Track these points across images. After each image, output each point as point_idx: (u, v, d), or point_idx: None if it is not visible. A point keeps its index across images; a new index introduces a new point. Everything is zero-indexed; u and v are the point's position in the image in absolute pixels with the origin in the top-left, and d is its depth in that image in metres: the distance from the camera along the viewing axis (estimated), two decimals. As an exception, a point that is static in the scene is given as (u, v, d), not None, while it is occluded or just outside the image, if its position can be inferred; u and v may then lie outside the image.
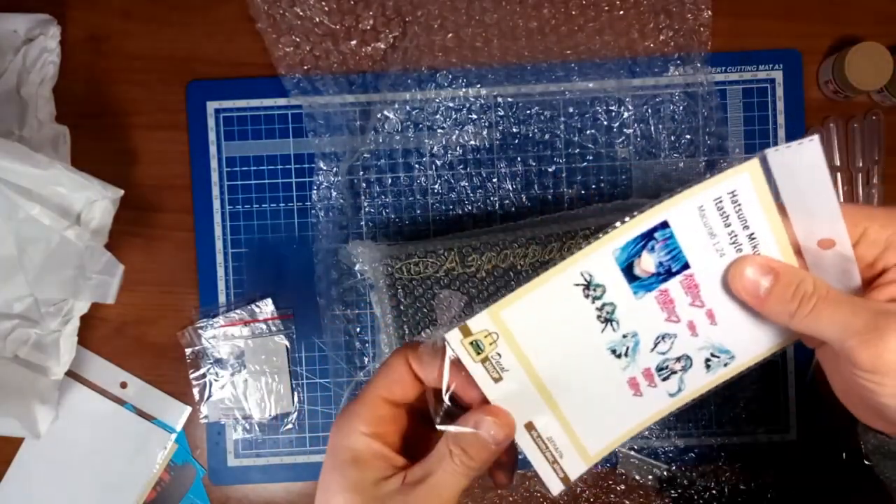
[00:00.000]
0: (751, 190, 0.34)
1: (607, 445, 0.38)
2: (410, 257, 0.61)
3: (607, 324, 0.36)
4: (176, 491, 0.66)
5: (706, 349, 0.37)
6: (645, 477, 0.64)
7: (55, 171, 0.54)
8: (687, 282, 0.36)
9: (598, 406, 0.38)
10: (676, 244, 0.35)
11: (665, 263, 0.35)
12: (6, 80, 0.61)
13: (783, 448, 0.64)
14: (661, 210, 0.34)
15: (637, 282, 0.35)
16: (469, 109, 0.64)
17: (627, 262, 0.35)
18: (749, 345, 0.37)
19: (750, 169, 0.34)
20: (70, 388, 0.65)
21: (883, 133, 0.63)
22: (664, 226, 0.35)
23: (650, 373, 0.37)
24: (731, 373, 0.38)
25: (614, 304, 0.36)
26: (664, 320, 0.36)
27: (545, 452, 0.37)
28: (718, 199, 0.34)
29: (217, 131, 0.65)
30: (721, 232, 0.35)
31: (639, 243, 0.35)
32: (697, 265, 0.35)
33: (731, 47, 0.64)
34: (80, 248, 0.57)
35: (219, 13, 0.65)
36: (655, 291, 0.36)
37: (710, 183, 0.34)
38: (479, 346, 0.35)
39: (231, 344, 0.65)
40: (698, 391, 0.38)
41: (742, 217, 0.34)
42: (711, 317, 0.37)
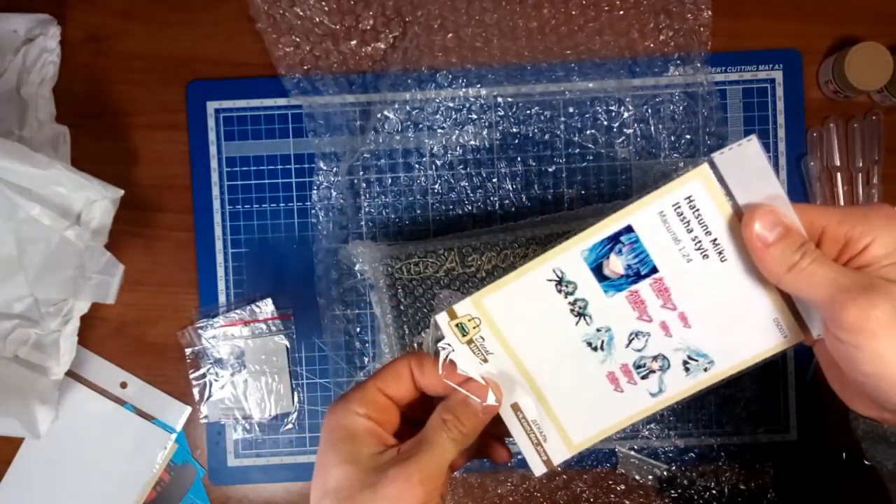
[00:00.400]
0: (705, 194, 0.36)
1: (591, 437, 0.40)
2: (410, 257, 0.61)
3: (580, 318, 0.39)
4: (176, 491, 0.66)
5: (682, 351, 0.39)
6: (645, 477, 0.64)
7: (55, 171, 0.54)
8: (657, 285, 0.38)
9: (579, 396, 0.40)
10: (643, 248, 0.37)
11: (633, 266, 0.37)
12: (6, 80, 0.61)
13: (783, 448, 0.64)
14: (624, 215, 0.37)
15: (607, 281, 0.38)
16: (469, 109, 0.64)
17: (596, 263, 0.38)
18: (728, 351, 0.39)
19: (700, 174, 0.35)
20: (70, 388, 0.65)
21: (883, 133, 0.63)
22: (629, 230, 0.37)
23: (628, 369, 0.39)
24: (714, 378, 0.39)
25: (586, 300, 0.38)
26: (636, 318, 0.38)
27: (529, 434, 0.40)
28: (676, 204, 0.36)
29: (217, 131, 0.65)
30: (685, 237, 0.37)
31: (606, 246, 0.37)
32: (666, 269, 0.37)
33: (731, 47, 0.64)
34: (80, 248, 0.57)
35: (219, 13, 0.65)
36: (626, 292, 0.38)
37: (667, 189, 0.36)
38: (465, 329, 0.39)
39: (231, 344, 0.65)
40: (681, 394, 0.40)
41: (702, 223, 0.36)
42: (684, 319, 0.38)
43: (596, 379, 0.39)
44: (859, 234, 0.35)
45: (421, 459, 0.36)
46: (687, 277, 0.37)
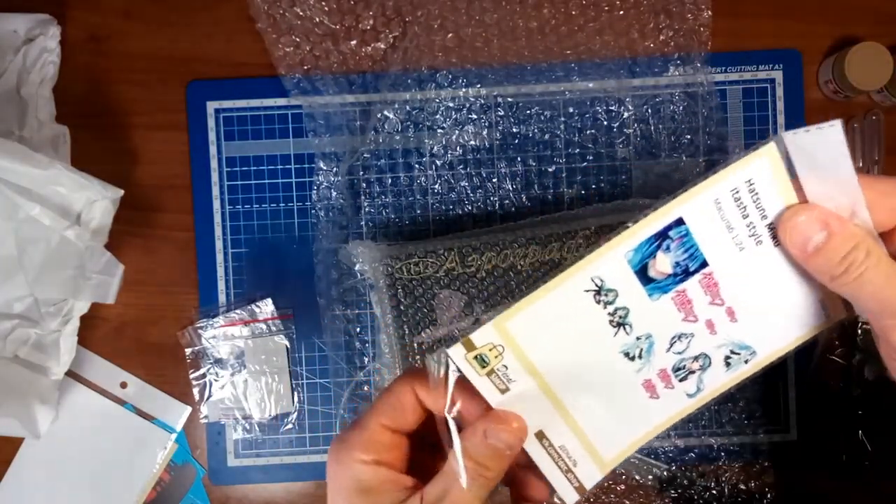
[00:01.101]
0: (768, 176, 0.32)
1: (624, 450, 0.37)
2: (410, 257, 0.61)
3: (620, 328, 0.34)
4: (176, 491, 0.66)
5: (725, 346, 0.36)
6: (645, 477, 0.64)
7: (55, 171, 0.54)
8: (706, 280, 0.34)
9: (612, 411, 0.36)
10: (693, 241, 0.33)
11: (682, 263, 0.33)
12: (6, 80, 0.61)
13: (783, 448, 0.64)
14: (675, 206, 0.32)
15: (652, 284, 0.33)
16: (469, 109, 0.64)
17: (641, 264, 0.33)
18: (771, 339, 0.36)
19: (768, 153, 0.32)
20: (70, 388, 0.65)
21: (883, 133, 0.63)
22: (679, 223, 0.33)
23: (666, 374, 0.36)
24: (754, 369, 0.37)
25: (627, 307, 0.34)
26: (681, 321, 0.35)
27: (558, 462, 0.36)
28: (735, 189, 0.32)
29: (217, 131, 0.65)
30: (739, 224, 0.33)
31: (653, 243, 0.33)
32: (716, 262, 0.34)
33: (731, 47, 0.64)
34: (80, 248, 0.57)
35: (219, 13, 0.65)
36: (672, 292, 0.34)
37: (726, 173, 0.32)
38: (485, 360, 0.33)
39: (231, 344, 0.65)
40: (718, 390, 0.37)
41: (760, 206, 0.33)
42: (731, 314, 0.35)
43: (631, 388, 0.36)
44: None
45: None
46: (737, 268, 0.34)
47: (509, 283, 0.61)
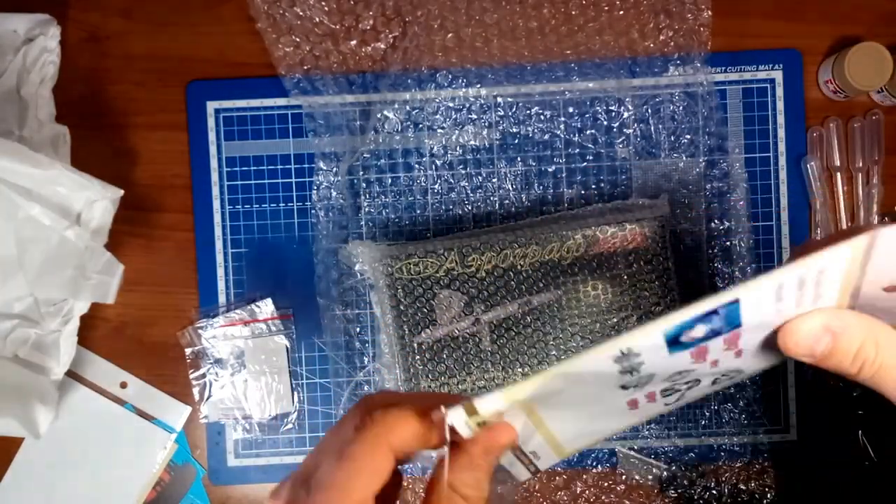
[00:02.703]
0: (843, 266, 0.30)
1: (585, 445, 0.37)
2: (410, 257, 0.61)
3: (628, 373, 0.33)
4: (176, 491, 0.66)
5: (718, 372, 0.35)
6: (645, 477, 0.64)
7: (55, 171, 0.54)
8: (730, 337, 0.32)
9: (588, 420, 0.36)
10: (738, 314, 0.31)
11: (716, 330, 0.31)
12: (6, 80, 0.61)
13: (783, 448, 0.64)
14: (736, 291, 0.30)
15: (677, 346, 0.32)
16: (469, 109, 0.64)
17: (676, 336, 0.31)
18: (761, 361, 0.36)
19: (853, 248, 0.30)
20: (70, 388, 0.65)
21: (883, 133, 0.63)
22: (732, 303, 0.30)
23: (653, 395, 0.35)
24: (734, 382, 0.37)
25: (643, 361, 0.32)
26: (690, 363, 0.33)
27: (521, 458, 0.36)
28: (803, 277, 0.30)
29: (217, 131, 0.65)
30: (790, 298, 0.31)
31: (698, 320, 0.31)
32: (749, 322, 0.32)
33: (731, 47, 0.64)
34: (80, 248, 0.57)
35: (219, 13, 0.65)
36: (694, 348, 0.32)
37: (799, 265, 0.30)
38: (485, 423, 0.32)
39: (231, 344, 0.65)
40: (696, 398, 0.37)
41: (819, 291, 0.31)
42: (739, 354, 0.34)
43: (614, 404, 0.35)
44: None
45: None
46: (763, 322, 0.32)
47: (509, 283, 0.61)
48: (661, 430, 0.64)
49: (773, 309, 0.31)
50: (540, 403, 0.33)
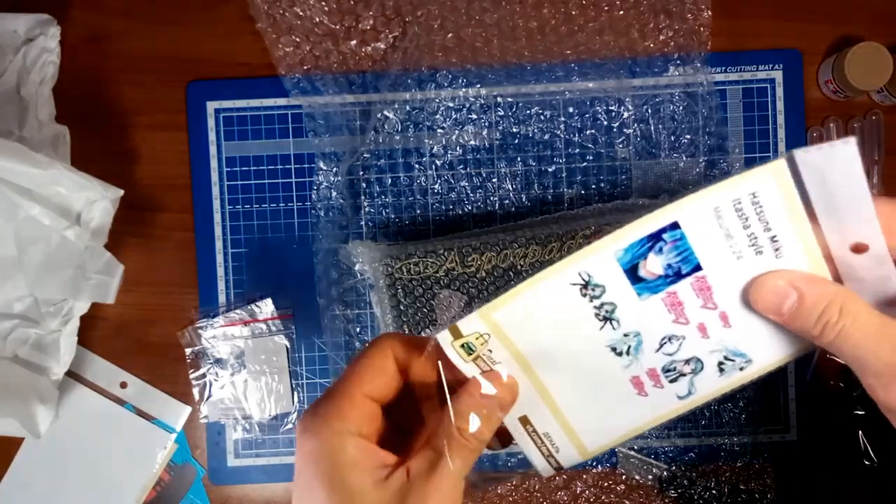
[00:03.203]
0: (775, 192, 0.31)
1: (608, 443, 0.37)
2: (410, 257, 0.61)
3: (606, 322, 0.34)
4: (176, 491, 0.66)
5: (718, 352, 0.35)
6: (645, 477, 0.64)
7: (55, 171, 0.54)
8: (698, 283, 0.33)
9: (597, 403, 0.36)
10: (688, 246, 0.33)
11: (674, 265, 0.33)
12: (6, 80, 0.61)
13: (783, 448, 0.64)
14: (671, 210, 0.32)
15: (642, 283, 0.33)
16: (469, 109, 0.64)
17: (631, 264, 0.33)
18: (769, 348, 0.35)
19: (774, 170, 0.31)
20: (70, 388, 0.65)
21: (883, 133, 0.63)
22: (674, 227, 0.32)
23: (655, 373, 0.36)
24: (750, 377, 0.36)
25: (615, 304, 0.34)
26: (672, 322, 0.34)
27: (541, 447, 0.37)
28: (737, 199, 0.32)
29: (217, 131, 0.65)
30: (739, 234, 0.32)
31: (644, 245, 0.32)
32: (710, 267, 0.33)
33: (731, 47, 0.64)
34: (80, 248, 0.57)
35: (219, 13, 0.65)
36: (662, 293, 0.34)
37: (728, 183, 0.31)
38: (471, 348, 0.34)
39: (231, 344, 0.65)
40: (711, 394, 0.36)
41: (763, 220, 0.32)
42: (725, 319, 0.34)
43: (618, 383, 0.36)
44: None
45: (441, 482, 0.30)
46: (733, 274, 0.33)
47: (509, 283, 0.61)
48: (661, 430, 0.64)
49: (727, 248, 0.33)
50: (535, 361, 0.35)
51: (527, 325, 0.34)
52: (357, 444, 0.31)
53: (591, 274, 0.33)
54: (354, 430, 0.31)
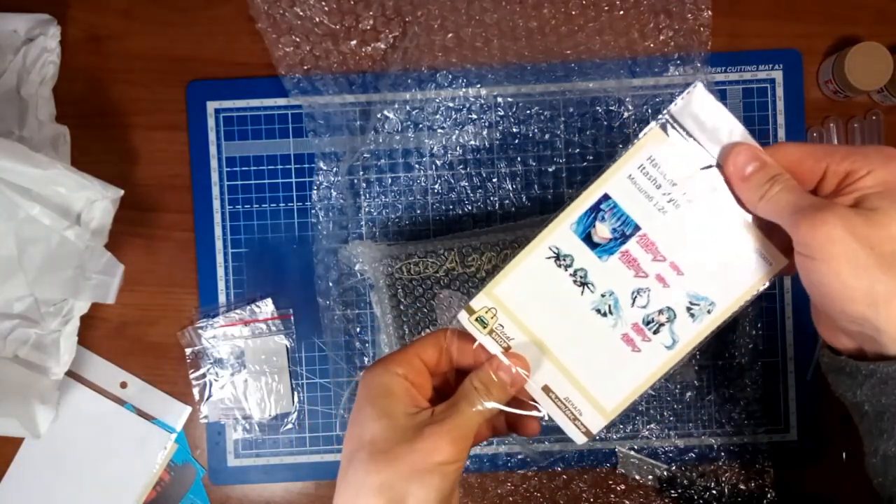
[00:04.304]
0: (663, 152, 0.40)
1: (622, 401, 0.42)
2: (410, 257, 0.61)
3: (584, 287, 0.41)
4: (176, 491, 0.66)
5: (684, 298, 0.41)
6: (645, 477, 0.64)
7: (55, 171, 0.54)
8: (643, 241, 0.41)
9: (601, 364, 0.42)
10: (622, 210, 0.41)
11: (618, 229, 0.41)
12: (6, 80, 0.61)
13: (783, 448, 0.64)
14: (599, 185, 0.41)
15: (599, 248, 0.41)
16: (469, 109, 0.64)
17: (585, 233, 0.41)
18: (724, 289, 0.41)
19: (654, 137, 0.40)
20: (70, 388, 0.65)
21: (883, 133, 0.63)
22: (606, 198, 0.41)
23: (639, 327, 0.41)
24: (719, 319, 0.41)
25: (584, 268, 0.41)
26: (633, 277, 0.41)
27: (565, 412, 0.42)
28: (641, 166, 0.40)
29: (217, 131, 0.65)
30: (655, 193, 0.40)
31: (590, 216, 0.41)
32: (647, 225, 0.41)
33: (731, 47, 0.64)
34: (80, 248, 0.57)
35: (219, 13, 0.65)
36: (617, 253, 0.41)
37: (630, 153, 0.40)
38: (484, 321, 0.42)
39: (231, 344, 0.65)
40: (694, 340, 0.41)
41: (667, 177, 0.40)
42: (676, 268, 0.41)
43: (612, 343, 0.41)
44: (857, 167, 0.37)
45: (454, 420, 0.38)
46: (667, 228, 0.41)
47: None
48: (661, 430, 0.64)
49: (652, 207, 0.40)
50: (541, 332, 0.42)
51: (524, 299, 0.42)
52: (401, 383, 0.40)
53: (559, 246, 0.41)
54: (402, 374, 0.40)
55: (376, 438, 0.38)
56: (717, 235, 0.41)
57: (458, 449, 0.38)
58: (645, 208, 0.41)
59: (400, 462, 0.37)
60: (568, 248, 0.41)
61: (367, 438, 0.38)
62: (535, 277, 0.41)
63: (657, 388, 0.64)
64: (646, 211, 0.41)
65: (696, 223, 0.40)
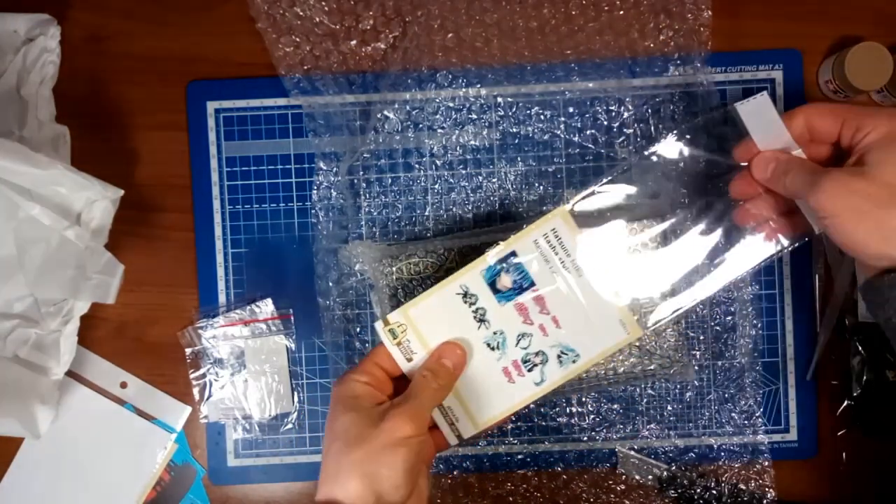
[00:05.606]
0: (564, 228, 0.50)
1: (491, 418, 0.51)
2: (410, 257, 0.61)
3: (481, 323, 0.50)
4: (176, 491, 0.66)
5: (556, 347, 0.50)
6: (645, 477, 0.64)
7: (55, 171, 0.54)
8: (535, 295, 0.50)
9: (483, 388, 0.50)
10: (524, 268, 0.50)
11: (518, 282, 0.50)
12: (6, 80, 0.61)
13: (783, 448, 0.64)
14: (511, 243, 0.50)
15: (500, 294, 0.50)
16: (469, 109, 0.64)
17: (492, 280, 0.50)
18: (589, 345, 0.50)
19: (559, 214, 0.50)
20: (70, 388, 0.65)
21: (883, 133, 0.63)
22: (514, 255, 0.50)
23: (518, 364, 0.50)
24: (581, 368, 0.50)
25: (485, 308, 0.50)
26: (522, 322, 0.50)
27: (445, 417, 0.50)
28: (545, 234, 0.50)
29: (217, 131, 0.65)
30: (553, 259, 0.50)
31: (498, 267, 0.50)
32: (540, 283, 0.50)
33: (731, 47, 0.64)
34: (80, 248, 0.57)
35: (219, 13, 0.65)
36: (514, 301, 0.50)
37: (539, 223, 0.50)
38: (395, 333, 0.50)
39: (231, 344, 0.65)
40: (557, 381, 0.50)
41: (564, 247, 0.50)
42: (556, 322, 0.50)
43: (494, 372, 0.50)
44: (865, 125, 0.46)
45: (411, 402, 0.47)
46: (556, 289, 0.50)
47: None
48: (661, 430, 0.64)
49: (548, 270, 0.50)
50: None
51: (431, 323, 0.50)
52: (363, 387, 0.48)
53: (468, 286, 0.50)
54: (364, 381, 0.48)
55: (348, 428, 0.45)
56: (591, 302, 0.50)
57: (417, 425, 0.45)
58: (542, 269, 0.50)
59: (370, 441, 0.44)
60: (475, 289, 0.50)
61: (340, 430, 0.46)
62: (444, 307, 0.50)
63: (657, 388, 0.64)
64: (542, 271, 0.50)
65: (579, 289, 0.50)
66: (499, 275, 0.50)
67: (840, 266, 0.62)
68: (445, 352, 0.49)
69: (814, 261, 0.64)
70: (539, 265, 0.50)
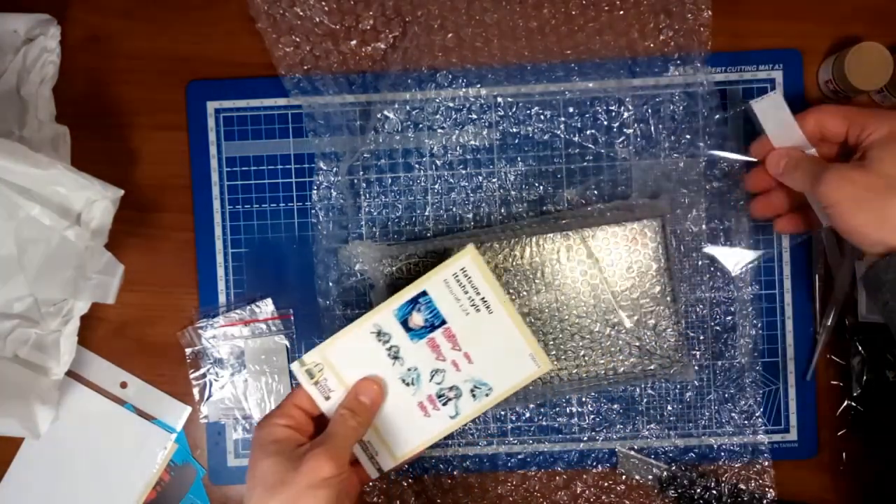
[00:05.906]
0: (473, 266, 0.51)
1: (409, 451, 0.52)
2: (410, 257, 0.61)
3: (395, 360, 0.52)
4: (176, 491, 0.66)
5: (469, 382, 0.52)
6: (645, 477, 0.64)
7: (55, 171, 0.54)
8: (446, 332, 0.51)
9: (399, 422, 0.52)
10: (435, 307, 0.51)
11: (429, 320, 0.51)
12: (6, 80, 0.61)
13: (783, 448, 0.64)
14: (421, 283, 0.51)
15: (412, 332, 0.51)
16: (469, 109, 0.64)
17: (403, 318, 0.51)
18: (501, 379, 0.52)
19: (468, 254, 0.51)
20: (70, 388, 0.65)
21: (883, 133, 0.63)
22: (424, 294, 0.51)
23: (432, 398, 0.52)
24: (494, 400, 0.52)
25: (398, 346, 0.52)
26: (435, 359, 0.52)
27: (365, 451, 0.52)
28: (455, 274, 0.51)
29: (217, 131, 0.65)
30: (463, 297, 0.51)
31: (410, 306, 0.51)
32: (451, 321, 0.51)
33: (731, 47, 0.64)
34: (80, 248, 0.57)
35: (219, 13, 0.65)
36: (426, 339, 0.51)
37: (449, 262, 0.51)
38: (312, 374, 0.51)
39: (231, 344, 0.65)
40: (471, 414, 0.52)
41: (473, 286, 0.51)
42: (468, 358, 0.52)
43: (410, 407, 0.52)
44: (869, 124, 0.50)
45: (329, 443, 0.47)
46: (467, 326, 0.51)
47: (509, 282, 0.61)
48: (661, 430, 0.64)
49: (458, 308, 0.51)
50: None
51: (347, 361, 0.51)
52: (283, 430, 0.49)
53: (381, 325, 0.51)
54: (284, 423, 0.49)
55: (267, 473, 0.46)
56: (501, 337, 0.51)
57: (337, 464, 0.46)
58: (453, 307, 0.51)
59: (291, 486, 0.45)
60: (388, 327, 0.51)
61: (261, 476, 0.46)
62: (359, 346, 0.51)
63: (657, 388, 0.64)
64: (453, 310, 0.51)
65: (489, 326, 0.51)
66: (410, 313, 0.51)
67: (840, 266, 0.63)
68: (362, 389, 0.50)
69: (814, 261, 0.64)
70: (449, 304, 0.51)
